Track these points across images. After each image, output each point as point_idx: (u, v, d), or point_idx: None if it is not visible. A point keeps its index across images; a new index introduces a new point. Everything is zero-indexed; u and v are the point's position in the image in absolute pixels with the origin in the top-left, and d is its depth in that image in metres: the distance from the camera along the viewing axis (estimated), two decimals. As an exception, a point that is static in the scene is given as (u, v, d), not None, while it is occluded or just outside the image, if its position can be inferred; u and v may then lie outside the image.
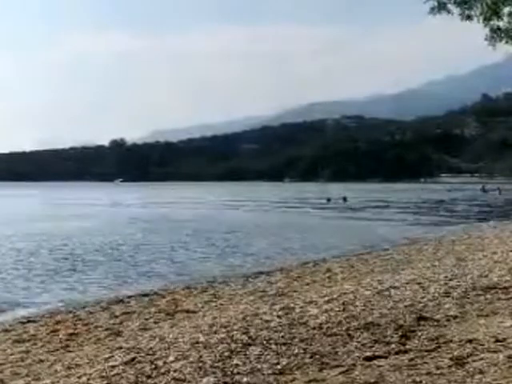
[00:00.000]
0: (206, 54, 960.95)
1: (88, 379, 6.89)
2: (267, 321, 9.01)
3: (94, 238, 29.08)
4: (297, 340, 7.87)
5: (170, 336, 8.61)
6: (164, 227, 35.59)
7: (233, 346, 7.64)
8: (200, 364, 6.99)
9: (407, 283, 11.97)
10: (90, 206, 63.67)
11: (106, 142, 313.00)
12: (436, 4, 11.86)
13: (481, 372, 6.10)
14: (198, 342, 7.92)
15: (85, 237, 29.86)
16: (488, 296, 10.05)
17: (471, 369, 6.23)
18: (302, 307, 10.17)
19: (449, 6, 11.91)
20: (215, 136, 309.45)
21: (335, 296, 11.08)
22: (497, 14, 11.75)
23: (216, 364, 6.96)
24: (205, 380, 6.48)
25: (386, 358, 7.03)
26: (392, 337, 7.85)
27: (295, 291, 13.40)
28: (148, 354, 7.62)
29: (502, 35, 11.97)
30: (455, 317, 8.76)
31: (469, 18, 11.89)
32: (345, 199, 67.21)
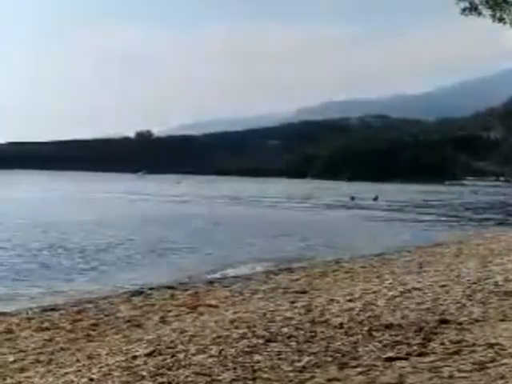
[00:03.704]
0: (227, 50, 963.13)
1: (109, 369, 6.94)
2: (288, 318, 9.02)
3: (121, 230, 29.27)
4: (318, 338, 7.87)
5: (192, 330, 8.65)
6: (188, 222, 35.67)
7: (254, 341, 7.66)
8: (221, 358, 7.01)
9: (430, 285, 11.89)
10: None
11: (131, 134, 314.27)
12: (468, 5, 11.76)
13: (503, 377, 6.05)
14: (219, 337, 7.95)
15: (110, 229, 30.06)
16: (512, 301, 9.96)
17: (493, 374, 6.18)
18: (323, 305, 10.16)
19: (480, 7, 11.81)
20: (238, 131, 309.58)
21: (357, 295, 11.05)
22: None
23: (237, 359, 6.97)
24: (225, 374, 6.50)
25: (406, 359, 7.00)
26: (414, 338, 7.81)
27: (317, 289, 13.39)
28: (169, 347, 7.67)
29: (533, 38, 11.86)
30: (478, 320, 8.69)
31: (501, 20, 11.77)
32: (376, 198, 66.44)
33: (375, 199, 65.99)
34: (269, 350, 7.35)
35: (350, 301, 10.48)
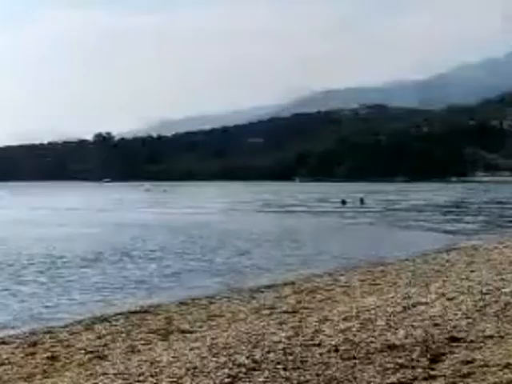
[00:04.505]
0: (204, 33, 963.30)
1: (68, 409, 6.90)
2: (275, 342, 9.02)
3: (75, 246, 29.14)
4: (309, 364, 7.87)
5: (163, 360, 8.62)
6: (157, 234, 35.63)
7: (235, 371, 7.65)
8: (197, 392, 7.00)
9: (437, 298, 11.96)
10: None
11: (89, 136, 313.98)
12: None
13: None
14: (194, 367, 7.93)
15: (64, 244, 29.91)
16: (530, 313, 10.03)
17: (510, 397, 6.23)
18: (315, 326, 10.17)
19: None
20: (215, 129, 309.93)
21: (353, 313, 11.08)
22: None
23: (215, 392, 6.98)
24: (202, 411, 6.49)
25: (412, 384, 7.06)
26: (419, 360, 7.84)
27: (308, 307, 13.41)
28: (137, 381, 7.64)
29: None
30: (492, 337, 8.75)
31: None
32: (362, 201, 67.15)
33: (362, 202, 66.57)
34: (252, 380, 7.34)
35: (345, 319, 10.51)
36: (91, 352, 10.73)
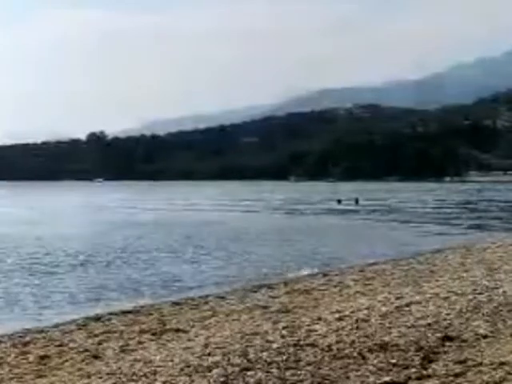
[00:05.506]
0: (200, 32, 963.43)
1: (62, 409, 6.89)
2: (269, 341, 9.02)
3: (70, 246, 29.09)
4: (303, 363, 7.88)
5: (157, 359, 8.62)
6: (151, 233, 35.59)
7: (229, 370, 7.65)
8: (191, 391, 7.00)
9: (430, 297, 11.98)
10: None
11: (83, 136, 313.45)
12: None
13: (514, 400, 6.11)
14: (188, 366, 7.93)
15: (58, 244, 29.86)
16: (523, 312, 10.05)
17: (503, 396, 6.24)
18: (308, 325, 10.18)
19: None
20: (210, 128, 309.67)
21: (347, 313, 11.09)
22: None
23: (209, 391, 6.97)
24: (196, 410, 6.49)
25: (405, 383, 7.05)
26: (413, 360, 7.86)
27: (301, 307, 13.40)
28: (131, 380, 7.63)
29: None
30: (485, 336, 8.77)
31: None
32: (356, 201, 67.46)
33: (356, 202, 66.90)
34: (246, 379, 7.34)
35: (339, 319, 10.51)
36: (84, 351, 10.71)
